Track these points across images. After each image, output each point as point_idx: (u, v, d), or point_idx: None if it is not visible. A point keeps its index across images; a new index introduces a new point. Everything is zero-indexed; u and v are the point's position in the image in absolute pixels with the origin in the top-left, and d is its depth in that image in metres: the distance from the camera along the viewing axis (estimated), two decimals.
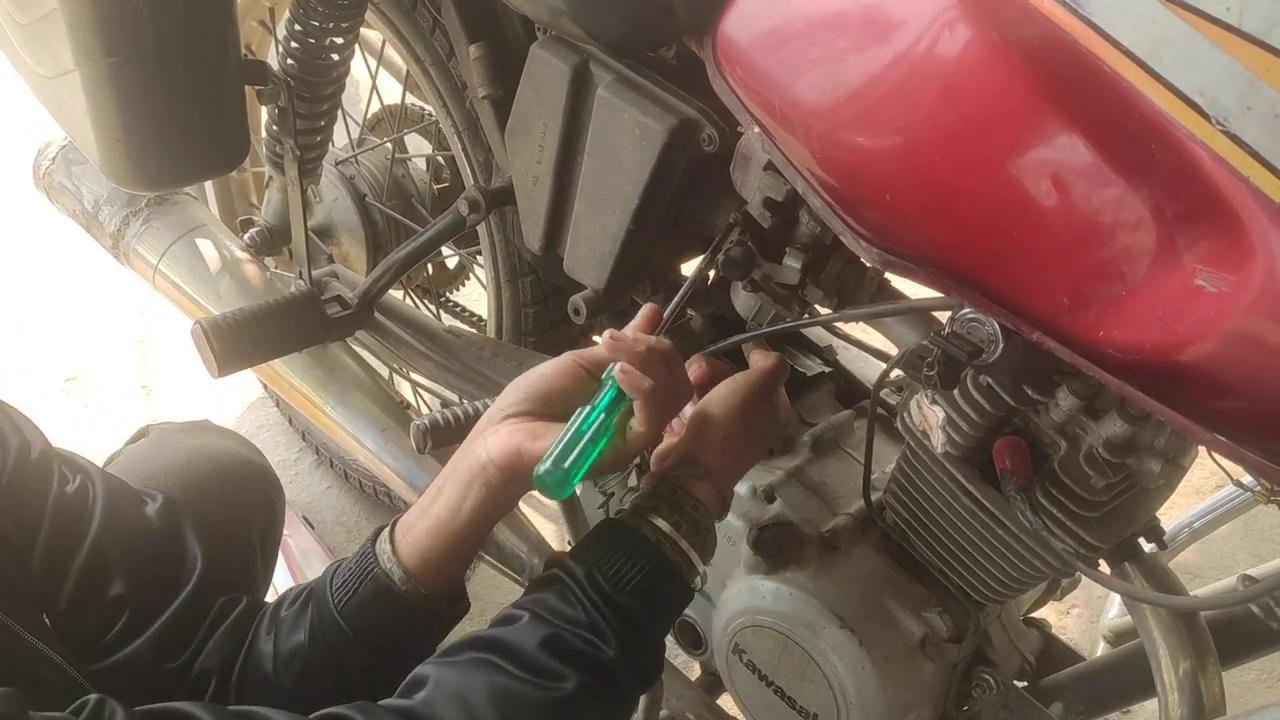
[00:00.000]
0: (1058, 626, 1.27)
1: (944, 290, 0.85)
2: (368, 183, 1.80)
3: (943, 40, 0.79)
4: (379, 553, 0.94)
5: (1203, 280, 0.68)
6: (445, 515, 0.92)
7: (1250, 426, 0.73)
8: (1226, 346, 0.68)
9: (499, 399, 0.93)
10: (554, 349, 1.63)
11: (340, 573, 0.96)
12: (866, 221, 0.89)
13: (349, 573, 0.95)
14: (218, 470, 1.24)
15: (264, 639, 0.98)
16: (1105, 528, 0.95)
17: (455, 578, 0.96)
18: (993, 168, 0.78)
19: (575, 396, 0.91)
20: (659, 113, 1.04)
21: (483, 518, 0.92)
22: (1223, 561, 2.04)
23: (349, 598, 0.94)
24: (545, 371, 0.94)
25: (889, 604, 1.10)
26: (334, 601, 0.94)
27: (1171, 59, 0.66)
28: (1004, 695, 1.11)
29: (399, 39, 1.50)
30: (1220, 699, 0.98)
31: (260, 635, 0.99)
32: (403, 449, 1.56)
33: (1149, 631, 1.00)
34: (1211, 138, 0.65)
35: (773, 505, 1.16)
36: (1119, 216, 0.71)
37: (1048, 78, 0.73)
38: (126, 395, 2.53)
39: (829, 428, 1.25)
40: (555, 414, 0.91)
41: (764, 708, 1.17)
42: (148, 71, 1.22)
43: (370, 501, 2.23)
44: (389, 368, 1.81)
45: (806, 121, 0.90)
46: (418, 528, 0.93)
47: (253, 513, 1.24)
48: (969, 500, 1.01)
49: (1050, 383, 0.90)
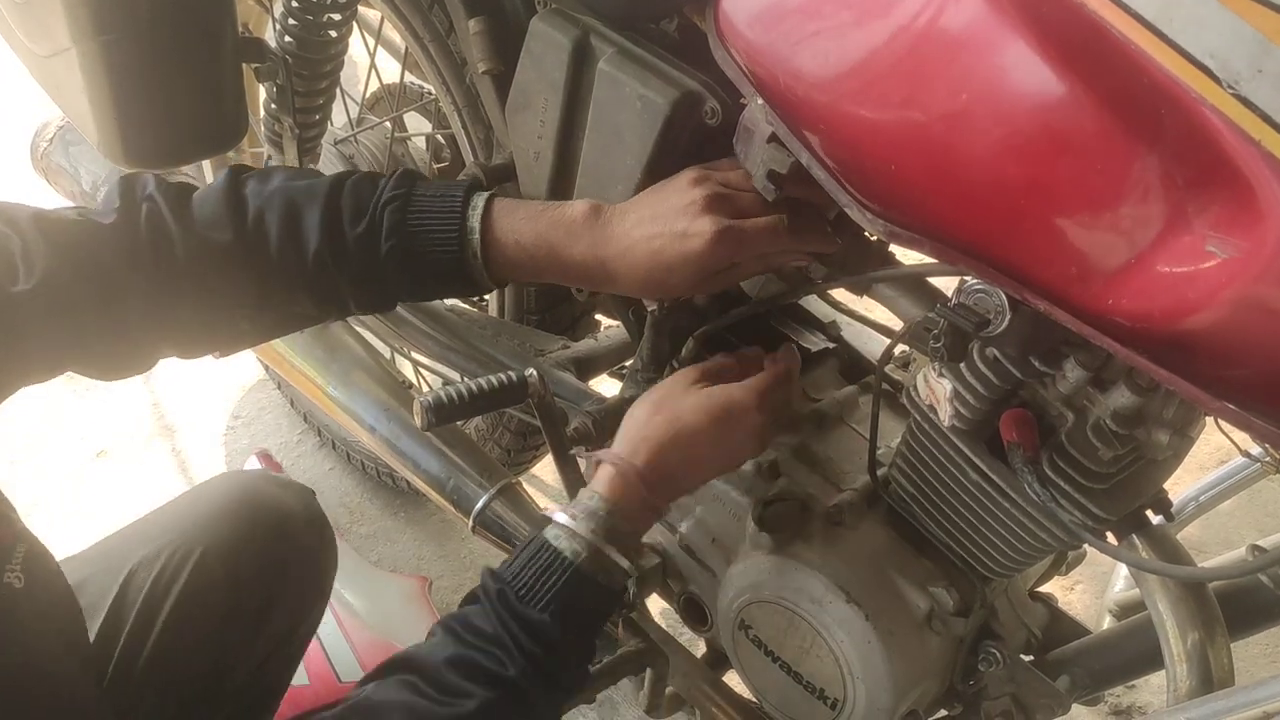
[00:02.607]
0: (1063, 601, 1.27)
1: (950, 261, 0.85)
2: (367, 162, 1.79)
3: (949, 8, 0.79)
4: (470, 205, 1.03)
5: (1213, 246, 0.68)
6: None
7: (1260, 394, 0.72)
8: (1237, 313, 0.68)
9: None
10: (556, 327, 1.63)
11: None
12: (872, 193, 0.88)
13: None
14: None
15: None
16: (1113, 500, 0.95)
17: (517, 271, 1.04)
18: (999, 136, 0.77)
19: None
20: (661, 86, 1.03)
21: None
22: (1227, 536, 2.04)
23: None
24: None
25: (895, 578, 1.10)
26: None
27: (1181, 22, 0.65)
28: (1010, 669, 1.10)
29: (397, 15, 1.49)
30: (1229, 670, 0.98)
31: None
32: (406, 429, 1.56)
33: (1157, 603, 1.00)
34: (1222, 101, 0.64)
35: (777, 481, 1.16)
36: (1128, 183, 0.71)
37: (1055, 43, 0.73)
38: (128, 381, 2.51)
39: (834, 403, 1.24)
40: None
41: (770, 683, 1.17)
42: (144, 49, 1.21)
43: (373, 483, 2.23)
44: (390, 347, 1.80)
45: (810, 93, 0.89)
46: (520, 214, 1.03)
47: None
48: (976, 473, 1.00)
49: (1057, 354, 0.89)
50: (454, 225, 1.02)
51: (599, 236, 1.02)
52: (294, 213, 1.01)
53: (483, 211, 1.02)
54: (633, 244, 1.00)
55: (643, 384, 1.26)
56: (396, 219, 1.01)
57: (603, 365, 1.52)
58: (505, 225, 1.02)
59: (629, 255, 1.01)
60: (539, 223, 1.02)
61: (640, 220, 1.01)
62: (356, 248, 1.02)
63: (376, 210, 1.01)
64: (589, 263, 1.02)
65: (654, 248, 0.99)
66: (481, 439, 1.83)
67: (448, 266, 1.03)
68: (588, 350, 1.50)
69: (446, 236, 1.02)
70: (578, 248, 1.02)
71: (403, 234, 1.02)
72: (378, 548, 2.15)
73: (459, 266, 1.03)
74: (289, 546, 1.27)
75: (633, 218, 1.01)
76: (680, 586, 1.25)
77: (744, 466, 1.16)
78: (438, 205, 1.02)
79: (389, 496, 2.24)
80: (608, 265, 1.02)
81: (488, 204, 1.03)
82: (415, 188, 1.03)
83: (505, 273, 1.04)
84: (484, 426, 1.84)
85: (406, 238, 1.02)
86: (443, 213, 1.02)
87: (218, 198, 1.02)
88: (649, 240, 1.00)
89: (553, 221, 1.02)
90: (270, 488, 1.31)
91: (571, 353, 1.48)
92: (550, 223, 1.02)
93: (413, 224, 1.02)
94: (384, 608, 1.93)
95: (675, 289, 1.03)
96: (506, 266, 1.04)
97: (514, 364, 1.46)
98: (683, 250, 0.98)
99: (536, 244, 1.02)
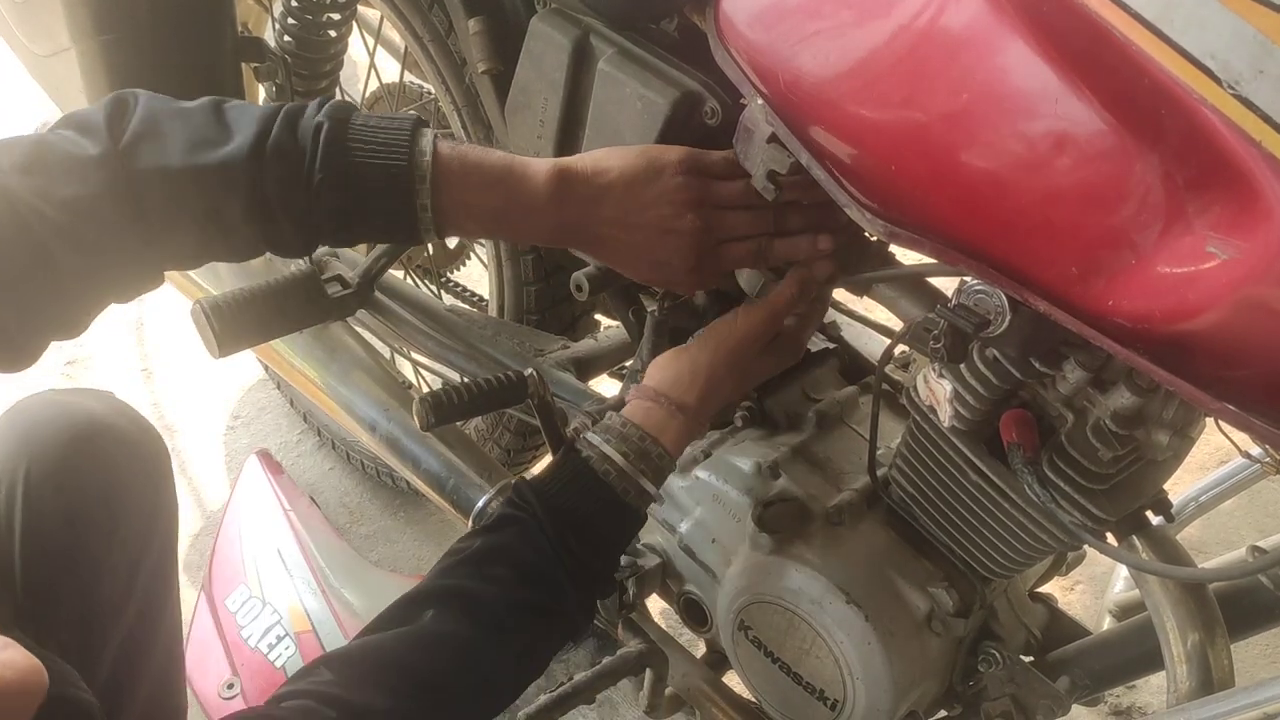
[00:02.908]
0: (1062, 602, 1.27)
1: (950, 261, 0.85)
2: None
3: (949, 8, 0.78)
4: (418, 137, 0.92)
5: (1214, 247, 0.67)
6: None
7: (1260, 395, 0.72)
8: (1238, 313, 0.67)
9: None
10: (556, 326, 1.63)
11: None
12: (871, 192, 0.88)
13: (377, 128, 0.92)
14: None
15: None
16: (1113, 500, 0.95)
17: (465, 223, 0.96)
18: (999, 136, 0.77)
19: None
20: (661, 86, 1.03)
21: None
22: (1226, 536, 2.03)
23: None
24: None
25: (895, 579, 1.10)
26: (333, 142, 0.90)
27: (1182, 22, 0.65)
28: (1010, 669, 1.10)
29: (397, 15, 1.49)
30: (1229, 671, 0.98)
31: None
32: (406, 429, 1.56)
33: (1157, 604, 0.99)
34: (1223, 102, 0.64)
35: (777, 481, 1.16)
36: (1129, 184, 0.71)
37: (1056, 44, 0.73)
38: (126, 378, 2.52)
39: (834, 403, 1.24)
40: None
41: (770, 684, 1.17)
42: (143, 48, 1.22)
43: (373, 483, 2.23)
44: (390, 347, 1.80)
45: (810, 93, 0.89)
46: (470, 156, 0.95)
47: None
48: (976, 474, 1.00)
49: (1057, 355, 0.89)
50: (403, 209, 0.93)
51: (567, 221, 0.97)
52: (210, 197, 0.89)
53: (430, 175, 0.92)
54: (606, 237, 0.98)
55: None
56: (336, 201, 0.92)
57: (603, 365, 1.52)
58: (455, 196, 0.94)
59: (601, 246, 1.00)
60: (494, 195, 0.95)
61: (619, 226, 0.98)
62: (292, 229, 0.93)
63: (310, 193, 0.91)
64: (548, 243, 1.01)
65: (633, 255, 1.00)
66: (481, 439, 1.83)
67: (396, 238, 0.99)
68: (587, 350, 1.50)
69: (393, 219, 0.94)
70: (539, 230, 0.98)
71: (343, 218, 0.93)
72: (377, 548, 2.15)
73: (404, 232, 0.95)
74: (110, 448, 1.21)
75: (609, 217, 0.97)
76: (680, 587, 1.25)
77: (744, 467, 1.16)
78: (380, 180, 0.92)
79: (389, 496, 2.24)
80: (572, 247, 1.02)
81: (434, 165, 0.92)
82: (349, 155, 0.91)
83: (452, 234, 0.98)
84: (484, 427, 1.84)
85: (346, 224, 0.94)
86: (388, 193, 0.92)
87: (101, 189, 0.87)
88: (628, 247, 0.99)
89: (510, 196, 0.95)
90: (68, 397, 1.26)
91: (571, 353, 1.48)
92: (507, 197, 0.95)
93: (357, 213, 0.93)
94: (383, 607, 1.93)
95: (663, 280, 1.04)
96: (454, 230, 0.97)
97: (514, 364, 1.46)
98: (655, 276, 1.01)
99: (492, 218, 0.96)
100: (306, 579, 1.92)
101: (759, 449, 1.19)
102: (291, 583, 1.85)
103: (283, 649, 1.81)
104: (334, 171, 0.90)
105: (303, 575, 1.92)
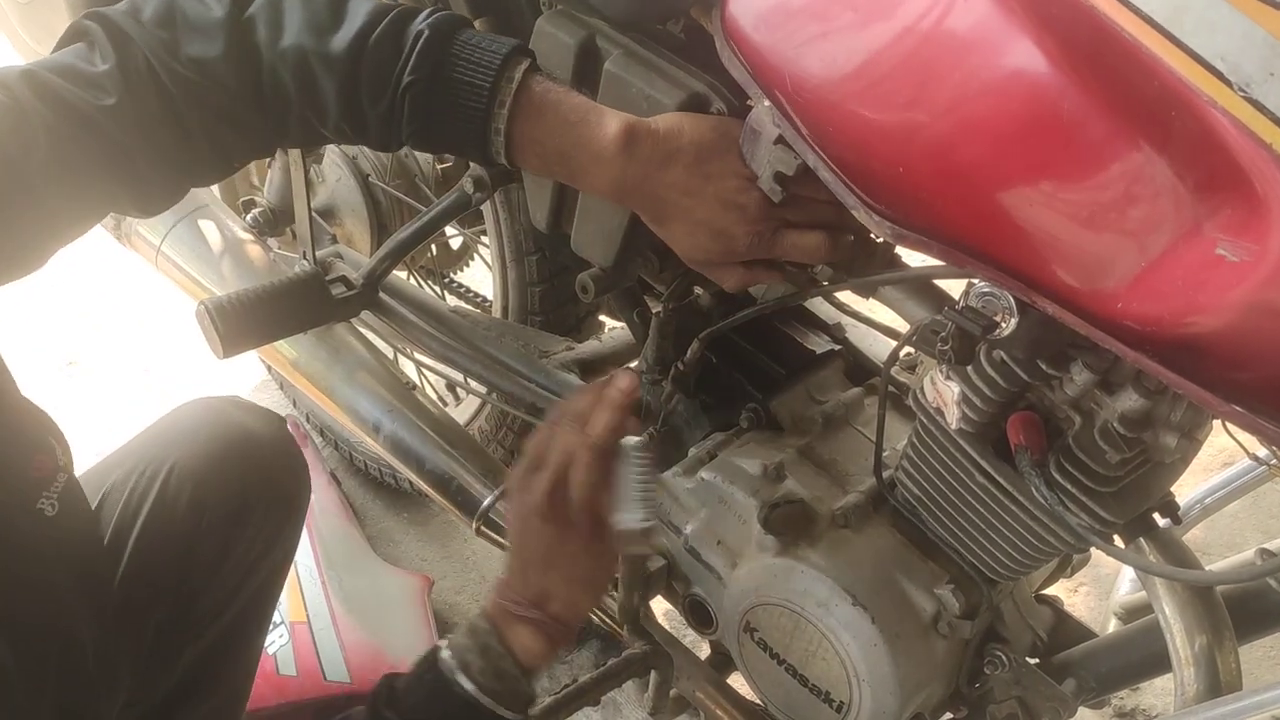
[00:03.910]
0: (1068, 604, 1.27)
1: (957, 264, 0.85)
2: (371, 162, 1.79)
3: (957, 9, 0.78)
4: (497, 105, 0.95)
5: (1224, 249, 0.67)
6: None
7: (1269, 397, 0.72)
8: (1247, 316, 0.67)
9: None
10: (561, 327, 1.63)
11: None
12: (878, 194, 0.88)
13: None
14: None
15: None
16: (1120, 503, 0.94)
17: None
18: (1007, 138, 0.77)
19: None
20: (667, 87, 1.03)
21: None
22: (1231, 539, 2.03)
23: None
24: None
25: (901, 581, 1.09)
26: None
27: (1192, 24, 0.65)
28: (1016, 672, 1.10)
29: None
30: (1236, 674, 0.98)
31: None
32: (410, 429, 1.56)
33: (1164, 607, 0.99)
34: (1233, 104, 0.64)
35: (783, 483, 1.15)
36: (1138, 186, 0.70)
37: (1065, 46, 0.72)
38: (128, 378, 2.52)
39: (839, 405, 1.24)
40: None
41: (775, 686, 1.17)
42: None
43: (376, 484, 2.23)
44: (393, 348, 1.80)
45: (817, 94, 0.89)
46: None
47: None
48: (982, 476, 1.00)
49: (1065, 357, 0.89)
50: (477, 128, 0.96)
51: (630, 177, 0.97)
52: (310, 81, 0.94)
53: (510, 104, 0.95)
54: (669, 201, 0.98)
55: (648, 385, 1.26)
56: (419, 105, 0.95)
57: (607, 367, 1.52)
58: (527, 130, 0.96)
59: (662, 209, 0.99)
60: (563, 138, 0.96)
61: (681, 191, 0.97)
62: (376, 124, 0.97)
63: (397, 93, 0.94)
64: (607, 195, 1.00)
65: (691, 223, 0.98)
66: (485, 440, 1.83)
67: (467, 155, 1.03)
68: (592, 351, 1.50)
69: (467, 136, 0.96)
70: (601, 180, 0.97)
71: (422, 122, 0.96)
72: (380, 549, 2.15)
73: (476, 151, 0.99)
74: (254, 466, 1.25)
75: (674, 182, 0.97)
76: (685, 589, 1.24)
77: (750, 469, 1.16)
78: (464, 96, 0.95)
79: (391, 497, 2.24)
80: (630, 206, 1.01)
81: (515, 99, 0.95)
82: (441, 68, 0.95)
83: (520, 164, 1.00)
84: (487, 428, 1.84)
85: (424, 130, 0.97)
86: (466, 111, 0.95)
87: (223, 52, 0.93)
88: (687, 213, 0.98)
89: (579, 142, 0.96)
90: (237, 412, 1.29)
91: (575, 354, 1.48)
92: (575, 142, 0.96)
93: (436, 122, 0.96)
94: (381, 604, 1.94)
95: (720, 252, 1.01)
96: (521, 162, 0.99)
97: (518, 365, 1.46)
98: (712, 247, 0.99)
99: (557, 159, 0.98)
100: (309, 565, 1.93)
101: (764, 451, 1.19)
102: (294, 567, 1.85)
103: (276, 636, 1.82)
104: (422, 78, 0.93)
105: (306, 561, 1.93)
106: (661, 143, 0.96)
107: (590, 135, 0.96)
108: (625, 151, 0.95)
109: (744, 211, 0.97)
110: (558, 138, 0.96)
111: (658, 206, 0.99)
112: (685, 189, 0.97)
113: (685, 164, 0.96)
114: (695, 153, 0.96)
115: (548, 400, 1.42)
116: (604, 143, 0.95)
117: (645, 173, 0.96)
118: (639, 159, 0.96)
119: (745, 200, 0.97)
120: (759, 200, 0.97)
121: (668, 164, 0.96)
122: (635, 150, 0.95)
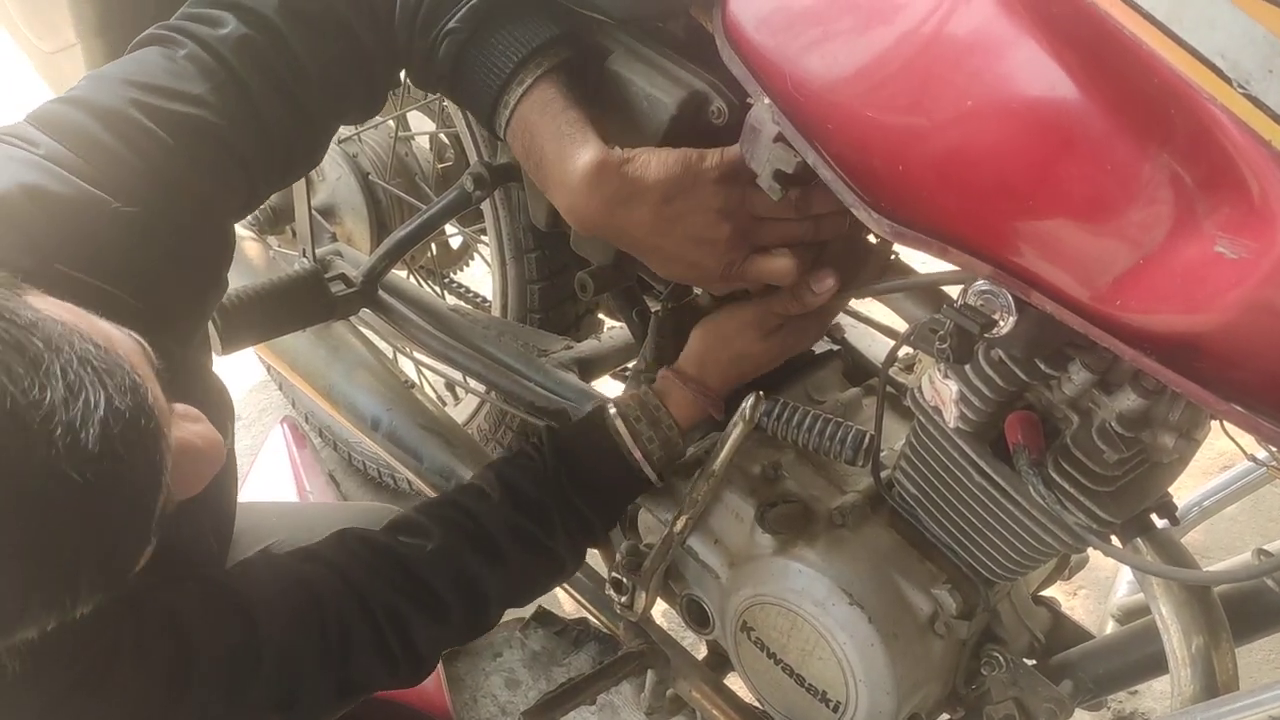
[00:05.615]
0: (1066, 606, 1.27)
1: (956, 262, 0.84)
2: (371, 161, 1.79)
3: (959, 9, 0.78)
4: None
5: (1223, 247, 0.67)
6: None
7: (1267, 396, 0.72)
8: (1247, 314, 0.67)
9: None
10: (560, 325, 1.62)
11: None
12: (878, 193, 0.88)
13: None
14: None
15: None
16: (1118, 503, 0.94)
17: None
18: (1007, 136, 0.77)
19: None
20: (667, 85, 1.03)
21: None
22: (1230, 541, 2.03)
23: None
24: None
25: (898, 581, 1.09)
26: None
27: (1192, 22, 0.65)
28: (1013, 672, 1.10)
29: None
30: (1233, 675, 0.97)
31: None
32: (409, 428, 1.56)
33: (1161, 608, 0.99)
34: (1233, 101, 0.64)
35: (780, 482, 1.15)
36: (1138, 183, 0.70)
37: (1065, 43, 0.72)
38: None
39: (837, 405, 1.24)
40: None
41: (772, 686, 1.16)
42: None
43: (374, 484, 2.23)
44: (392, 347, 1.80)
45: (818, 93, 0.89)
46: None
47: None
48: (980, 476, 1.00)
49: (1063, 356, 0.89)
50: (491, 97, 1.01)
51: (590, 211, 0.99)
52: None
53: (523, 94, 1.00)
54: (638, 238, 1.01)
55: (645, 385, 1.25)
56: (449, 53, 1.01)
57: (606, 366, 1.52)
58: (519, 131, 1.01)
59: (633, 245, 1.02)
60: (546, 148, 1.00)
61: (648, 230, 1.00)
62: (419, 58, 1.03)
63: (439, 35, 1.00)
64: (565, 217, 1.03)
65: (662, 257, 1.03)
66: (484, 439, 1.83)
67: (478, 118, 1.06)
68: (591, 351, 1.50)
69: (483, 97, 1.02)
70: (560, 202, 1.01)
71: (451, 66, 1.02)
72: None
73: (487, 126, 1.05)
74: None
75: (640, 220, 0.99)
76: (682, 588, 1.24)
77: (748, 468, 1.16)
78: (495, 58, 1.00)
79: (390, 498, 2.23)
80: (595, 235, 1.03)
81: (523, 97, 1.00)
82: (485, 27, 1.00)
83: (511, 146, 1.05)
84: (486, 427, 1.84)
85: (452, 76, 1.03)
86: (491, 74, 1.01)
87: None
88: (657, 249, 1.02)
89: (553, 157, 0.99)
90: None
91: (574, 353, 1.48)
92: (550, 157, 1.00)
93: (463, 73, 1.02)
94: None
95: (695, 280, 1.10)
96: (512, 148, 1.04)
97: (517, 364, 1.46)
98: (688, 274, 1.05)
99: (535, 167, 1.02)
100: None
101: (762, 450, 1.18)
102: None
103: None
104: (465, 28, 0.99)
105: None
106: (627, 184, 0.97)
107: (562, 155, 0.98)
108: (587, 184, 0.97)
109: (714, 246, 1.01)
110: (538, 148, 1.00)
111: (625, 241, 1.03)
112: (652, 228, 0.99)
113: (651, 204, 0.98)
114: (661, 193, 0.98)
115: (547, 399, 1.42)
116: (569, 168, 0.98)
117: (608, 209, 0.99)
118: (600, 195, 0.98)
119: (714, 235, 1.00)
120: (728, 234, 1.00)
121: (631, 203, 0.98)
122: (599, 186, 0.97)
